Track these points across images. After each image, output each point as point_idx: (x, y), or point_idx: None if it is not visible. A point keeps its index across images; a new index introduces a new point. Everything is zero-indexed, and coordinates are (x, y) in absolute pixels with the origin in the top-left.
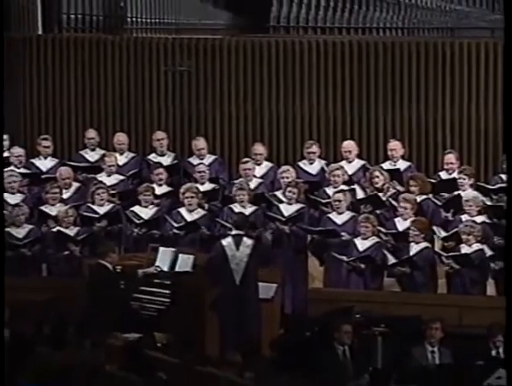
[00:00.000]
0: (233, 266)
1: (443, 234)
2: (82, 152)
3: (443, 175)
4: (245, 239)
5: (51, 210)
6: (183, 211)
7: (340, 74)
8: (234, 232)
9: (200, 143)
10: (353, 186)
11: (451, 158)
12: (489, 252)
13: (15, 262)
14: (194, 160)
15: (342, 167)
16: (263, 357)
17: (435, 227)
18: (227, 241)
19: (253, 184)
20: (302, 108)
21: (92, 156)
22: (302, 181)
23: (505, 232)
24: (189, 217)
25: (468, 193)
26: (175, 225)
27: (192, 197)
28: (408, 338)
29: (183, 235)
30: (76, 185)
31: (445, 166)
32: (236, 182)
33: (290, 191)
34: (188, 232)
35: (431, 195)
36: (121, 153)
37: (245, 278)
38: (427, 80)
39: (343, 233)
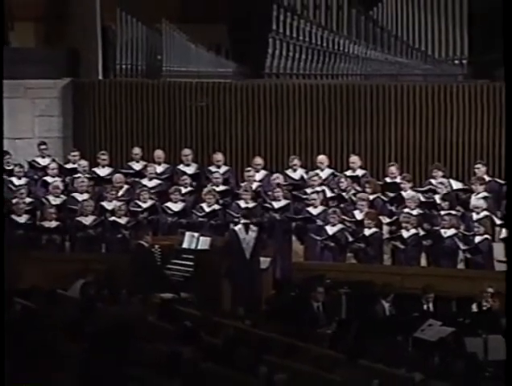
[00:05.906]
0: (244, 246)
1: (387, 220)
2: (130, 163)
3: (388, 180)
4: (251, 226)
5: (109, 205)
6: (204, 205)
7: (315, 107)
8: (243, 221)
9: (219, 156)
10: (324, 188)
11: (393, 169)
12: (421, 233)
13: (84, 243)
14: (212, 168)
15: (318, 174)
16: (260, 310)
17: (381, 217)
18: (238, 227)
19: (254, 186)
20: (288, 132)
21: (137, 166)
22: (288, 183)
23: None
24: (208, 210)
25: (408, 193)
26: (199, 214)
27: (210, 198)
28: (364, 296)
29: (204, 222)
30: (126, 187)
31: (389, 174)
32: (242, 185)
33: (276, 191)
34: (209, 220)
35: (380, 194)
36: (159, 164)
37: (252, 254)
38: (378, 112)
39: (317, 220)
